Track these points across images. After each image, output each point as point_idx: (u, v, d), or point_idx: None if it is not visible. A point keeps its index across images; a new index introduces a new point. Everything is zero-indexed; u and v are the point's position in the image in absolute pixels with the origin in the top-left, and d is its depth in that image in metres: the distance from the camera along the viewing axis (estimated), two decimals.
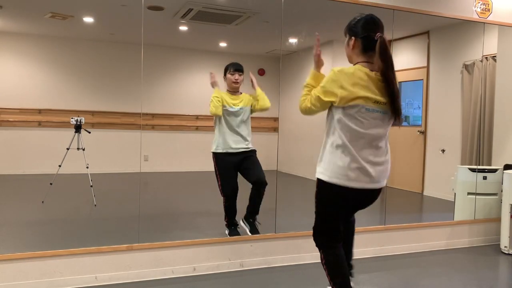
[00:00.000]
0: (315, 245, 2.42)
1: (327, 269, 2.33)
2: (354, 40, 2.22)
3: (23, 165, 6.30)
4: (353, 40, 2.22)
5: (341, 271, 2.31)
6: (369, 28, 2.18)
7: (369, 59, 2.18)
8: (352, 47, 2.24)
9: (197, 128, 6.93)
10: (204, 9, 5.20)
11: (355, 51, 2.23)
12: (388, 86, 2.11)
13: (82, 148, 4.87)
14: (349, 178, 2.17)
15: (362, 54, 2.20)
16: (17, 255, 2.87)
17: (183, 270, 3.27)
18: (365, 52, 2.19)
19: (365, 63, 2.19)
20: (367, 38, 2.17)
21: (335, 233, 2.34)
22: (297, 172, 7.10)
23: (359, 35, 2.19)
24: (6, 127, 6.35)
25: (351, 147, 2.16)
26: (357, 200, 2.31)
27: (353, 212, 2.52)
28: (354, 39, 2.22)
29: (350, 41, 2.25)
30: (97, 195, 4.86)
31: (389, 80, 2.10)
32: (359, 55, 2.22)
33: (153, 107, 6.88)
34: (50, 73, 6.66)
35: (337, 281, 2.29)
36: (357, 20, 2.23)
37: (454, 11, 4.16)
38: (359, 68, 2.17)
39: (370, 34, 2.16)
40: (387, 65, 2.10)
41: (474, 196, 4.37)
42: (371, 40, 2.15)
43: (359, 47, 2.21)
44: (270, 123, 6.63)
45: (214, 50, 7.06)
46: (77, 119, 4.92)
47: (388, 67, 2.10)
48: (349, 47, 2.26)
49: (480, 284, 3.28)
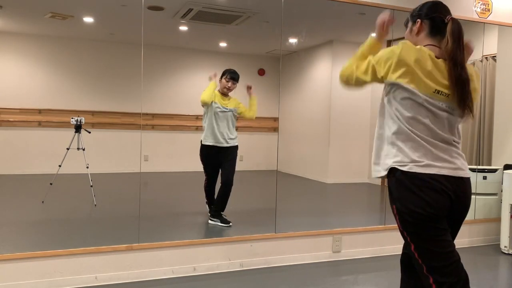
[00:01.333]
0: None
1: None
2: (420, 22, 1.92)
3: (23, 165, 6.30)
4: (419, 23, 1.92)
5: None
6: (437, 10, 1.92)
7: (437, 44, 1.89)
8: (417, 32, 1.93)
9: (197, 128, 6.92)
10: (204, 9, 5.20)
11: (421, 36, 1.92)
12: (456, 68, 1.81)
13: (82, 148, 4.86)
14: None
15: (430, 38, 1.90)
16: (17, 255, 2.87)
17: (183, 270, 3.27)
18: (433, 36, 1.90)
19: (432, 46, 1.88)
20: (436, 19, 1.90)
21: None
22: (297, 172, 7.10)
23: (427, 16, 1.91)
24: (6, 127, 6.35)
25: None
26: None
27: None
28: (420, 22, 1.92)
29: (414, 25, 1.94)
30: (97, 195, 4.86)
31: (457, 62, 1.81)
32: (425, 39, 1.91)
33: (153, 107, 6.88)
34: (50, 73, 6.66)
35: None
36: (424, 4, 1.96)
37: (454, 11, 4.14)
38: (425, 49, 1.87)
39: (440, 16, 1.90)
40: (459, 47, 1.84)
41: (474, 196, 4.36)
42: (440, 22, 1.89)
43: (425, 30, 1.91)
44: (270, 123, 6.63)
45: (214, 50, 7.06)
46: (77, 119, 4.92)
47: (460, 49, 1.84)
48: (412, 33, 1.95)
49: (480, 284, 3.28)
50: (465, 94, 1.81)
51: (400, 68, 1.79)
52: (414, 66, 1.78)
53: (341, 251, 3.77)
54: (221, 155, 4.14)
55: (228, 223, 4.04)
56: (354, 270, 3.48)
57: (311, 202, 5.71)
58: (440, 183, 1.78)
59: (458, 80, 1.80)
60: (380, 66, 1.84)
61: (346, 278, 3.31)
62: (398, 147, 1.85)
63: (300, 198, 5.73)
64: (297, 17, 4.64)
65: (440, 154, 1.82)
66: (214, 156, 4.15)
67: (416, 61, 1.79)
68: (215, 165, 4.19)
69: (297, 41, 6.69)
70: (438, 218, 1.79)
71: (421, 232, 1.80)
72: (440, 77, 1.81)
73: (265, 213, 3.90)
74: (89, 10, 5.72)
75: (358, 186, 6.60)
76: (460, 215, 1.90)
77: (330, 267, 3.55)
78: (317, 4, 4.32)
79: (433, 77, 1.80)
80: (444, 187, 1.78)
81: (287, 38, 6.31)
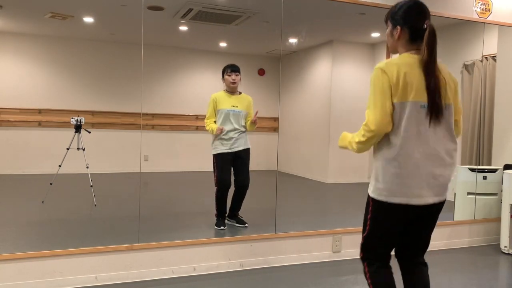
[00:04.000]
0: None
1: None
2: (400, 30, 1.97)
3: (23, 165, 6.30)
4: (399, 30, 1.97)
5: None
6: (415, 16, 1.95)
7: (417, 48, 1.95)
8: (397, 38, 1.98)
9: (197, 128, 6.93)
10: (204, 9, 5.20)
11: (401, 42, 1.99)
12: (428, 77, 1.88)
13: (82, 148, 4.87)
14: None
15: (410, 44, 1.97)
16: (17, 255, 2.87)
17: (183, 270, 3.27)
18: (413, 41, 1.96)
19: (414, 51, 1.95)
20: (414, 27, 1.94)
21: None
22: (297, 172, 7.10)
23: (406, 24, 1.95)
24: (6, 127, 6.35)
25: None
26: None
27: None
28: (400, 29, 1.96)
29: (394, 31, 1.99)
30: (97, 195, 4.86)
31: (430, 71, 1.88)
32: (405, 45, 1.98)
33: (153, 107, 6.88)
34: (50, 73, 6.66)
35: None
36: (400, 7, 1.99)
37: (454, 11, 4.16)
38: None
39: (418, 23, 1.93)
40: (431, 56, 1.89)
41: (474, 196, 4.37)
42: (419, 29, 1.93)
43: (405, 37, 1.97)
44: (270, 123, 6.63)
45: (214, 50, 7.06)
46: (77, 119, 4.92)
47: (431, 58, 1.89)
48: (393, 37, 2.01)
49: (480, 284, 3.28)
50: (434, 101, 1.87)
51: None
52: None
53: (341, 251, 3.77)
54: (231, 158, 4.03)
55: (244, 223, 4.04)
56: (354, 270, 3.48)
57: (311, 202, 5.71)
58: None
59: (428, 88, 1.87)
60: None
61: (346, 278, 3.31)
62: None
63: (300, 198, 5.73)
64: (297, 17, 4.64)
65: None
66: (225, 159, 4.02)
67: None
68: (228, 167, 4.06)
69: (297, 41, 6.69)
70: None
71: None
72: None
73: (265, 213, 3.90)
74: (89, 10, 5.72)
75: (358, 186, 6.60)
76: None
77: (330, 267, 3.55)
78: (317, 4, 4.32)
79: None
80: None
81: (287, 38, 6.31)
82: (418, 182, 1.86)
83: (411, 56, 1.92)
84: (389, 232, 1.97)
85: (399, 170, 1.86)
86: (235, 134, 3.98)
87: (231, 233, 3.86)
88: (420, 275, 2.05)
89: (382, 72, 1.87)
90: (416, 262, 2.06)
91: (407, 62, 1.90)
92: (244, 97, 4.10)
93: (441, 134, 1.91)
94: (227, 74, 4.04)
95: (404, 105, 1.86)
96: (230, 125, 3.97)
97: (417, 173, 1.86)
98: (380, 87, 1.87)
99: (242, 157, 4.04)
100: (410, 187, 1.86)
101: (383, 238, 1.98)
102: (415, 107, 1.86)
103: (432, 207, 1.94)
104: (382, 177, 1.90)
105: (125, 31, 6.14)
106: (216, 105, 4.01)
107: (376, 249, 2.00)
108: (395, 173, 1.87)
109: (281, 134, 4.44)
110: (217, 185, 4.00)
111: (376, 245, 1.99)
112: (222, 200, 4.03)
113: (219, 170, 3.99)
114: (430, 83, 1.87)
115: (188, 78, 7.06)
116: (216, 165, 4.01)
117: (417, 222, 1.98)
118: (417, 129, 1.86)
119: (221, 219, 4.02)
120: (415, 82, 1.87)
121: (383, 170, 1.90)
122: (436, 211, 1.97)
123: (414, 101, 1.86)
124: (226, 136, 3.96)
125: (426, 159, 1.87)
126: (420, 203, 1.88)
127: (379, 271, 2.00)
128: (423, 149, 1.87)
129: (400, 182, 1.86)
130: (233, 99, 4.04)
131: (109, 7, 5.24)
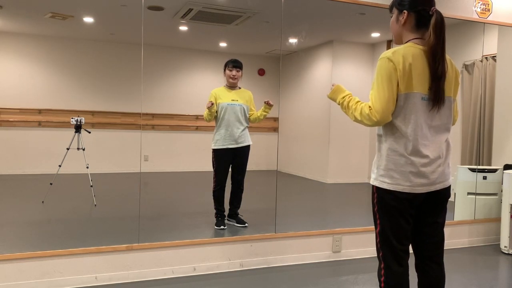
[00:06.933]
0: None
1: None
2: (406, 14, 1.96)
3: (23, 165, 6.30)
4: (406, 14, 1.96)
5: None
6: (423, 1, 1.96)
7: (422, 36, 1.96)
8: (403, 23, 1.98)
9: (197, 128, 6.92)
10: (204, 9, 5.20)
11: (406, 27, 1.98)
12: (434, 63, 1.88)
13: (82, 148, 4.86)
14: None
15: (415, 31, 1.97)
16: (17, 255, 2.87)
17: (183, 270, 3.27)
18: (418, 28, 1.96)
19: (418, 39, 1.97)
20: (421, 12, 1.94)
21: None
22: (297, 172, 7.10)
23: (412, 8, 1.96)
24: (6, 127, 6.35)
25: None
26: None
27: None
28: (407, 14, 1.96)
29: (401, 16, 1.99)
30: (97, 195, 4.86)
31: (437, 57, 1.88)
32: (410, 31, 1.98)
33: (153, 107, 6.88)
34: (50, 73, 6.65)
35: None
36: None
37: (454, 11, 4.16)
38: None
39: (425, 8, 1.94)
40: (440, 41, 1.89)
41: (474, 196, 4.37)
42: (425, 15, 1.94)
43: (411, 23, 1.97)
44: (270, 123, 6.63)
45: (214, 50, 7.05)
46: (77, 119, 4.92)
47: (440, 43, 1.89)
48: (398, 23, 2.01)
49: (480, 284, 3.28)
50: (438, 89, 1.89)
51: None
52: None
53: (341, 251, 3.77)
54: (231, 154, 4.07)
55: (244, 223, 4.05)
56: (354, 270, 3.48)
57: (311, 202, 5.71)
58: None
59: (435, 74, 1.89)
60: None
61: (346, 278, 3.31)
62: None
63: (300, 198, 5.73)
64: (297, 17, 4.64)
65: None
66: (224, 156, 4.07)
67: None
68: (227, 165, 4.12)
69: (297, 41, 6.69)
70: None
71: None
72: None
73: (265, 213, 3.90)
74: (89, 10, 5.71)
75: (358, 186, 6.60)
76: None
77: (330, 267, 3.55)
78: (317, 4, 4.32)
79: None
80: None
81: (287, 38, 6.31)
82: (419, 170, 1.89)
83: (415, 46, 1.93)
84: (399, 222, 1.95)
85: (402, 158, 1.89)
86: (236, 130, 4.01)
87: (231, 233, 3.85)
88: (435, 276, 2.10)
89: (389, 61, 1.88)
90: (433, 262, 2.12)
91: (412, 53, 1.91)
92: (244, 92, 4.14)
93: (440, 123, 1.95)
94: (228, 69, 4.09)
95: (408, 96, 1.88)
96: (231, 120, 4.00)
97: (418, 162, 1.89)
98: (387, 77, 1.88)
99: (241, 155, 4.06)
100: (411, 174, 1.89)
101: (394, 228, 1.96)
102: (418, 98, 1.89)
103: (437, 194, 1.97)
104: (384, 164, 1.94)
105: (125, 31, 6.14)
106: (216, 100, 4.03)
107: (392, 243, 1.96)
108: (397, 162, 1.90)
109: (281, 134, 4.44)
110: (215, 182, 4.06)
111: (390, 238, 1.97)
112: (220, 197, 4.07)
113: (217, 166, 4.05)
114: (438, 69, 1.89)
115: (188, 78, 7.05)
116: (214, 160, 4.05)
117: (424, 208, 2.00)
118: (417, 118, 1.89)
119: (221, 219, 4.02)
120: (419, 73, 1.89)
121: (386, 158, 1.93)
122: (443, 197, 2.00)
123: (417, 93, 1.89)
124: (227, 132, 3.99)
125: (426, 147, 1.90)
126: (423, 191, 1.92)
127: (394, 272, 1.97)
128: (424, 138, 1.90)
129: (403, 170, 1.90)
130: (233, 94, 4.08)
131: (109, 7, 5.23)
